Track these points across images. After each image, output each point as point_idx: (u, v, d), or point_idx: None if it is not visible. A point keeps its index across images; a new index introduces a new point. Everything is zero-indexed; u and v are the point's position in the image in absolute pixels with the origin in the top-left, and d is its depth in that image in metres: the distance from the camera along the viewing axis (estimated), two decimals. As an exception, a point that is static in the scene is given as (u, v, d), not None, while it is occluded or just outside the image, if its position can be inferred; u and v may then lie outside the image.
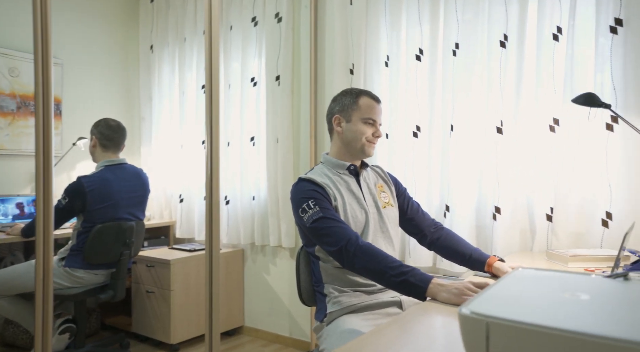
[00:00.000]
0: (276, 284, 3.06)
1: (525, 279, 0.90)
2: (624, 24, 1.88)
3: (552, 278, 0.91)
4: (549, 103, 2.04)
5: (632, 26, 1.86)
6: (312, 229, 1.52)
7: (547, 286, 0.85)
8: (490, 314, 0.68)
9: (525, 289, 0.83)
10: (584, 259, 1.74)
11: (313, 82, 2.81)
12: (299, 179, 1.62)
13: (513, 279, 0.90)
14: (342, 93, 1.68)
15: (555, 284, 0.87)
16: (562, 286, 0.84)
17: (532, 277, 0.92)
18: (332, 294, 1.57)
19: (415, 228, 1.76)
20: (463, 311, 0.71)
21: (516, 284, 0.87)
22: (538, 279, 0.91)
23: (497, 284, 0.86)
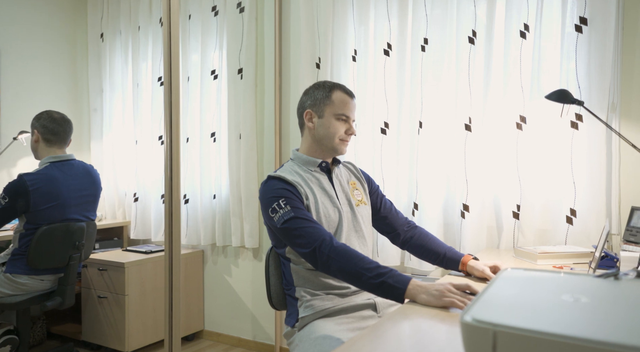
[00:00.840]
0: (238, 286, 2.95)
1: (517, 281, 0.86)
2: (589, 23, 1.91)
3: (544, 279, 0.88)
4: (516, 100, 2.05)
5: (596, 25, 1.89)
6: (283, 230, 1.43)
7: (542, 287, 0.81)
8: (498, 322, 0.63)
9: (522, 292, 0.79)
10: (552, 256, 1.74)
11: (277, 76, 2.72)
12: (268, 177, 1.53)
13: (505, 281, 0.86)
14: (315, 86, 1.60)
15: (549, 285, 0.83)
16: (558, 288, 0.81)
17: (524, 278, 0.88)
18: (304, 298, 1.50)
19: (388, 227, 1.71)
20: (466, 318, 0.66)
21: (511, 287, 0.82)
22: (530, 280, 0.87)
23: (490, 287, 0.81)
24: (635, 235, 1.78)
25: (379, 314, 1.50)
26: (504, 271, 0.93)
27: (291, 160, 1.63)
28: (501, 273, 0.91)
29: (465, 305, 1.16)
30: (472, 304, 0.72)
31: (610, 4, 1.85)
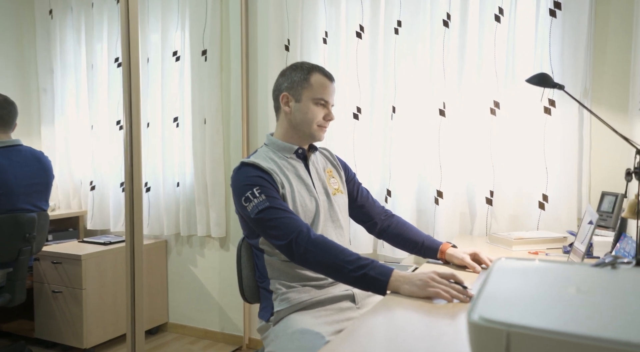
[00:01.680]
0: (205, 277, 2.84)
1: (515, 273, 0.82)
2: (563, 8, 1.90)
3: (542, 270, 0.84)
4: (490, 85, 2.03)
5: (570, 10, 1.88)
6: (258, 221, 1.35)
7: (543, 280, 0.78)
8: (511, 321, 0.58)
9: (524, 285, 0.75)
10: (526, 242, 1.75)
11: (244, 58, 2.59)
12: (242, 164, 1.44)
13: (503, 274, 0.81)
14: (292, 67, 1.51)
15: (549, 277, 0.79)
16: (559, 280, 0.77)
17: (521, 270, 0.84)
18: (279, 291, 1.42)
19: (365, 216, 1.65)
20: (474, 318, 0.60)
21: (510, 280, 0.78)
22: (528, 271, 0.83)
23: (489, 280, 0.76)
24: (606, 220, 1.81)
25: (358, 305, 1.45)
26: (498, 261, 0.89)
27: (265, 146, 1.54)
28: (495, 264, 0.87)
29: (450, 295, 1.12)
30: (475, 300, 0.67)
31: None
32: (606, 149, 1.91)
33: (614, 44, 1.89)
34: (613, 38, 1.89)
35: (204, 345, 2.78)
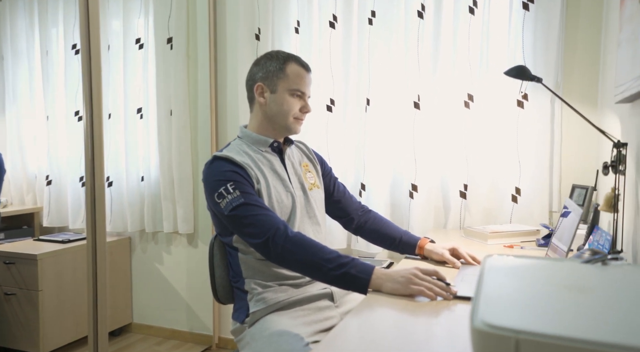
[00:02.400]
0: (171, 275, 2.74)
1: (509, 272, 0.79)
2: (535, 1, 1.90)
3: (535, 268, 0.81)
4: (464, 78, 2.02)
5: (543, 3, 1.89)
6: (232, 218, 1.28)
7: (539, 278, 0.75)
8: (518, 327, 0.54)
9: (522, 285, 0.72)
10: (502, 235, 1.75)
11: (212, 47, 2.49)
12: (214, 158, 1.36)
13: (496, 273, 0.78)
14: (267, 56, 1.44)
15: (545, 275, 0.77)
16: (556, 278, 0.74)
17: (513, 267, 0.81)
18: (254, 291, 1.36)
19: (342, 211, 1.61)
20: (477, 324, 0.56)
21: (505, 279, 0.75)
22: (521, 269, 0.80)
23: (484, 281, 0.73)
24: (576, 213, 1.83)
25: (336, 303, 1.41)
26: (489, 259, 0.86)
27: (239, 139, 1.47)
28: (487, 262, 0.84)
29: (434, 293, 1.09)
30: (475, 303, 0.63)
31: (557, -18, 1.85)
32: (576, 142, 1.94)
33: (584, 38, 1.91)
34: (583, 32, 1.91)
35: (172, 345, 2.68)
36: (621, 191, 1.26)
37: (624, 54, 1.21)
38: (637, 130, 1.24)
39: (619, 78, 1.27)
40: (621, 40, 1.26)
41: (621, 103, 1.32)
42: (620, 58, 1.26)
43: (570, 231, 1.06)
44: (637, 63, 1.06)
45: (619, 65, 1.27)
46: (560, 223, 1.34)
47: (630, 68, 1.12)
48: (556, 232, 1.34)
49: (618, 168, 1.25)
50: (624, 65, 1.19)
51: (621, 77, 1.23)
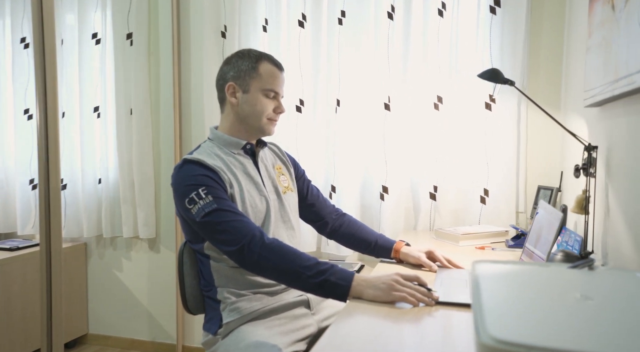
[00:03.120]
0: (131, 282, 2.61)
1: (502, 280, 0.78)
2: (502, 5, 1.93)
3: (527, 275, 0.81)
4: (433, 80, 2.03)
5: (509, 8, 1.92)
6: (205, 225, 1.22)
7: (535, 287, 0.74)
8: (530, 342, 0.52)
9: (520, 295, 0.70)
10: (473, 237, 1.76)
11: (176, 44, 2.39)
12: (184, 161, 1.29)
13: (490, 282, 0.76)
14: (239, 55, 1.38)
15: (539, 283, 0.76)
16: (550, 285, 0.74)
17: (506, 275, 0.80)
18: (228, 300, 1.30)
19: (316, 215, 1.57)
20: (485, 340, 0.54)
21: (502, 289, 0.73)
22: (515, 277, 0.79)
23: (481, 291, 0.71)
24: (542, 214, 1.88)
25: (313, 311, 1.37)
26: (477, 267, 0.85)
27: (209, 141, 1.40)
28: (477, 271, 0.83)
29: (417, 299, 1.07)
30: (479, 316, 0.61)
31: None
32: (541, 145, 1.99)
33: (547, 43, 1.96)
34: (546, 37, 1.96)
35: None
36: (591, 193, 1.30)
37: (595, 59, 1.24)
38: (606, 134, 1.28)
39: (588, 83, 1.30)
40: (591, 46, 1.29)
41: (591, 107, 1.35)
42: (590, 63, 1.29)
43: (548, 237, 1.07)
44: (610, 68, 1.09)
45: (589, 70, 1.30)
46: (532, 226, 1.36)
47: (603, 73, 1.14)
48: (529, 236, 1.35)
49: (589, 171, 1.28)
50: (596, 70, 1.22)
51: (592, 81, 1.25)
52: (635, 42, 0.92)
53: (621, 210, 1.14)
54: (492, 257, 1.57)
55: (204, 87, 2.34)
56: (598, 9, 1.22)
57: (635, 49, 0.92)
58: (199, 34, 2.38)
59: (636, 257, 1.07)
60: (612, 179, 1.23)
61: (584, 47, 1.54)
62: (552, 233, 1.04)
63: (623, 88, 0.99)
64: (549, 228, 1.10)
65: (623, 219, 1.13)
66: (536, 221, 1.31)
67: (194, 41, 2.40)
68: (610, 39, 1.10)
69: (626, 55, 0.98)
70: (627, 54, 0.97)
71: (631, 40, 0.95)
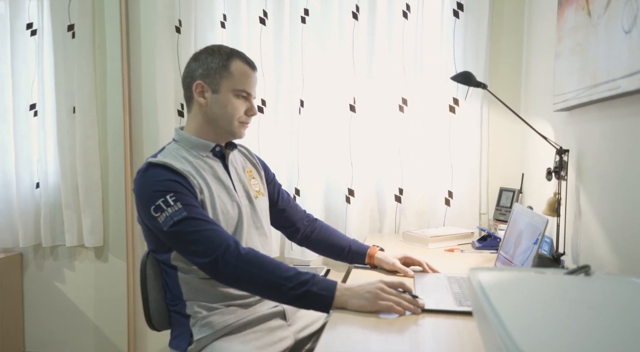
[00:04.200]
0: (76, 294, 2.41)
1: (509, 290, 0.75)
2: (465, 9, 1.96)
3: (527, 282, 0.79)
4: (398, 82, 2.02)
5: (472, 11, 1.95)
6: (173, 234, 1.12)
7: (543, 296, 0.72)
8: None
9: (535, 306, 0.67)
10: (441, 239, 1.77)
11: (124, 38, 2.22)
12: (149, 164, 1.18)
13: (497, 291, 0.73)
14: (208, 51, 1.28)
15: (543, 291, 0.74)
16: (559, 295, 0.72)
17: (509, 284, 0.78)
18: (198, 314, 1.21)
19: (287, 221, 1.51)
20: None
21: (515, 299, 0.70)
22: (519, 286, 0.77)
23: (494, 304, 0.67)
24: (505, 214, 1.92)
25: (289, 322, 1.30)
26: (477, 274, 0.82)
27: (174, 142, 1.30)
28: (479, 280, 0.80)
29: (403, 308, 1.04)
30: (504, 330, 0.57)
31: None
32: (501, 147, 2.03)
33: (507, 48, 2.01)
34: (506, 42, 2.01)
35: (77, 374, 2.36)
36: (562, 195, 1.32)
37: (567, 64, 1.27)
38: (577, 138, 1.31)
39: (559, 87, 1.33)
40: (561, 52, 1.32)
41: (560, 111, 1.38)
42: (561, 69, 1.31)
43: (529, 243, 1.06)
44: (587, 74, 1.11)
45: (560, 75, 1.33)
46: (507, 232, 1.35)
47: (579, 78, 1.16)
48: (504, 243, 1.35)
49: (560, 174, 1.31)
50: (569, 75, 1.25)
51: (564, 86, 1.28)
52: (618, 49, 0.94)
53: (595, 212, 1.17)
54: (462, 259, 1.58)
55: (156, 85, 2.20)
56: (570, 15, 1.25)
57: (619, 55, 0.94)
58: (150, 27, 2.23)
59: (611, 258, 1.09)
60: (584, 181, 1.26)
61: (548, 52, 1.58)
62: (537, 240, 1.04)
63: (603, 93, 1.00)
64: (531, 233, 1.10)
65: (598, 222, 1.16)
66: (511, 226, 1.31)
67: (145, 35, 2.25)
68: (586, 45, 1.12)
69: (607, 62, 0.99)
70: (608, 60, 0.99)
71: (613, 47, 0.96)
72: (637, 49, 0.86)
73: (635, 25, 0.87)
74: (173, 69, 2.19)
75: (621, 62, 0.92)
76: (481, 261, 1.55)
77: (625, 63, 0.90)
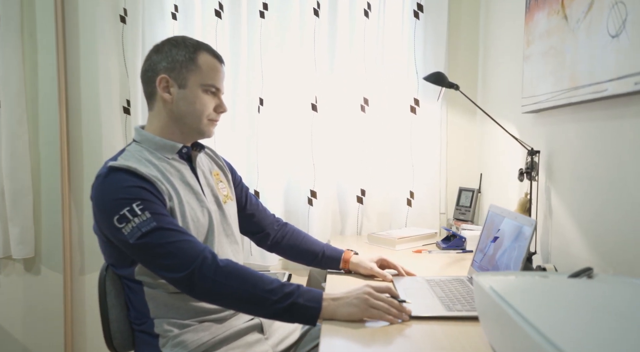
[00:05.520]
0: (0, 312, 2.14)
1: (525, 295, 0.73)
2: (424, 11, 1.97)
3: (539, 287, 0.78)
4: (360, 81, 1.99)
5: (431, 13, 1.96)
6: (142, 247, 1.01)
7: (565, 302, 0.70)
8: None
9: (564, 312, 0.65)
10: (408, 240, 1.76)
11: (60, 27, 2.00)
12: (110, 169, 1.05)
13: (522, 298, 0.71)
14: (172, 43, 1.17)
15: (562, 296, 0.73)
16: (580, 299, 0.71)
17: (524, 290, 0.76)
18: (169, 333, 1.09)
19: (256, 226, 1.42)
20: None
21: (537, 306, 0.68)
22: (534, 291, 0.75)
23: (521, 312, 0.64)
24: (465, 213, 1.96)
25: (266, 335, 1.22)
26: (486, 280, 0.80)
27: (135, 143, 1.17)
28: (490, 284, 0.78)
29: (394, 316, 1.00)
30: (543, 343, 0.54)
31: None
32: (459, 147, 2.06)
33: (465, 51, 2.05)
34: (464, 45, 2.05)
35: (5, 403, 2.10)
36: (534, 195, 1.35)
37: (539, 67, 1.29)
38: (547, 139, 1.34)
39: (529, 90, 1.35)
40: (530, 54, 1.35)
41: (529, 113, 1.41)
42: (532, 71, 1.34)
43: (521, 250, 1.05)
44: (564, 77, 1.13)
45: (530, 78, 1.35)
46: (482, 236, 1.33)
47: (553, 81, 1.19)
48: (480, 244, 1.33)
49: (532, 175, 1.33)
50: (541, 78, 1.27)
51: (535, 89, 1.31)
52: (602, 53, 0.96)
53: (570, 211, 1.20)
54: (432, 260, 1.57)
55: (99, 79, 2.01)
56: (541, 19, 1.28)
57: (603, 59, 0.95)
58: (90, 16, 2.03)
59: (586, 256, 1.13)
60: (555, 181, 1.30)
61: (512, 55, 1.62)
62: (525, 247, 1.03)
63: (586, 96, 1.02)
64: (515, 234, 1.11)
65: (572, 220, 1.19)
66: (488, 227, 1.31)
67: (85, 24, 2.04)
68: (562, 48, 1.15)
69: (589, 65, 1.01)
70: (590, 63, 1.01)
71: (596, 51, 0.98)
72: (626, 52, 0.88)
73: (624, 29, 0.88)
74: (118, 61, 2.01)
75: (607, 65, 0.94)
76: (451, 261, 1.56)
77: (612, 67, 0.92)
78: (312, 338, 1.29)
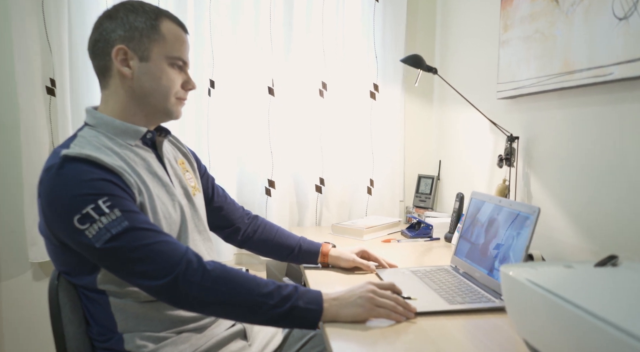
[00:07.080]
0: None
1: (567, 285, 0.69)
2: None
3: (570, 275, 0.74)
4: (318, 64, 1.89)
5: None
6: (111, 252, 0.84)
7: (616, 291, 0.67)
8: None
9: (623, 302, 0.62)
10: (374, 229, 1.71)
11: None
12: (65, 158, 0.86)
13: (566, 288, 0.66)
14: (127, 8, 0.98)
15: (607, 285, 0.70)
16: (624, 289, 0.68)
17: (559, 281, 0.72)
18: (143, 349, 0.93)
19: (225, 220, 1.27)
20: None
21: (588, 295, 0.64)
22: (572, 282, 0.71)
23: (575, 301, 0.60)
24: (425, 201, 1.95)
25: (249, 342, 1.09)
26: (517, 273, 0.75)
27: (89, 128, 0.97)
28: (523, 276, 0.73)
29: (400, 314, 0.93)
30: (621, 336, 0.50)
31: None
32: (417, 134, 2.05)
33: (422, 36, 2.02)
34: (422, 31, 2.02)
35: None
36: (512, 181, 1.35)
37: (516, 52, 1.28)
38: (525, 125, 1.34)
39: (506, 75, 1.34)
40: (508, 39, 1.34)
41: (504, 99, 1.40)
42: (510, 56, 1.33)
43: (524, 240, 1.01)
44: (555, 61, 1.12)
45: (506, 63, 1.34)
46: (465, 225, 1.29)
47: (539, 66, 1.18)
48: (464, 232, 1.29)
49: (511, 161, 1.33)
50: (522, 62, 1.26)
51: (514, 74, 1.29)
52: (607, 35, 0.95)
53: (554, 196, 1.21)
54: (403, 250, 1.53)
55: (14, 53, 1.70)
56: (523, 4, 1.26)
57: (608, 42, 0.94)
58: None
59: (574, 242, 1.14)
60: (534, 167, 1.30)
61: (481, 41, 1.60)
62: (525, 243, 1.00)
63: (583, 80, 1.02)
64: (511, 222, 1.08)
65: (558, 206, 1.19)
66: (471, 215, 1.28)
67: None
68: (550, 32, 1.13)
69: (588, 49, 1.00)
70: (590, 47, 1.00)
71: (598, 34, 0.97)
72: (637, 35, 0.87)
73: (635, 10, 0.87)
74: (38, 33, 1.72)
75: (613, 49, 0.93)
76: (424, 250, 1.52)
77: (619, 50, 0.91)
78: (295, 340, 1.18)
